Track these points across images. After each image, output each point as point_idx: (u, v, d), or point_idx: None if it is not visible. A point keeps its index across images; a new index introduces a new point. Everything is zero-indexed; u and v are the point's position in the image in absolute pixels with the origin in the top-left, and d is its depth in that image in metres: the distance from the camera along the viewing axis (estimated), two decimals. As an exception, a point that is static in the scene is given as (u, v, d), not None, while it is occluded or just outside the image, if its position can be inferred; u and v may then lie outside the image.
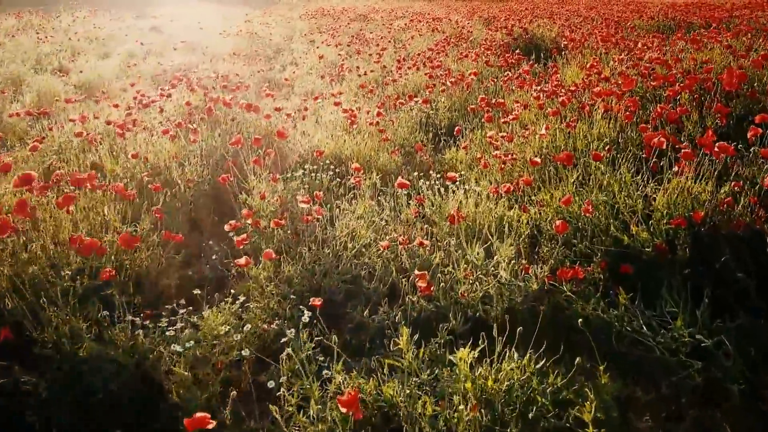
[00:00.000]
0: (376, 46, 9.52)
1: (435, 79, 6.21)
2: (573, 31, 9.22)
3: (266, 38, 13.22)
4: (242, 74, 7.76)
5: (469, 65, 6.91)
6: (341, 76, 7.76)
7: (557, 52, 7.36)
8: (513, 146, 3.85)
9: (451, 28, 11.65)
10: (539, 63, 7.44)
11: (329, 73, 8.20)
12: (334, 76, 7.89)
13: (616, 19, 11.95)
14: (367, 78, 7.12)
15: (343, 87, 6.82)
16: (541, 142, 3.79)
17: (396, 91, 6.37)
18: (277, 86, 8.51)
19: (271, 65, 10.35)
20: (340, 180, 3.64)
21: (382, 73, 7.36)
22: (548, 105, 4.56)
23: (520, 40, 8.41)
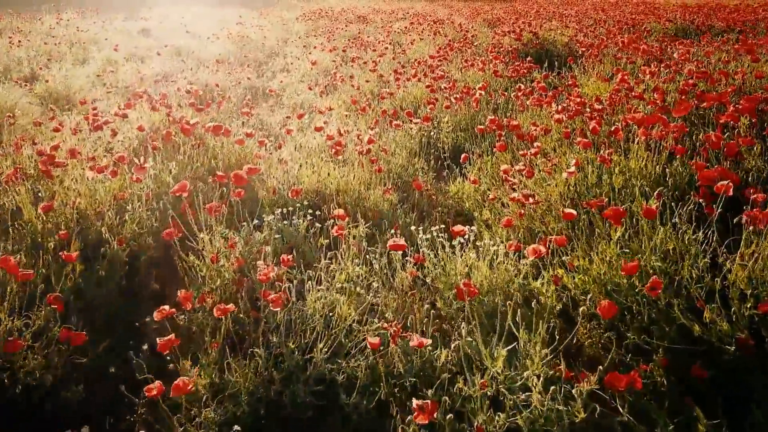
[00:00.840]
0: (373, 51, 8.81)
1: (437, 92, 5.49)
2: (587, 35, 8.50)
3: (259, 42, 12.51)
4: (225, 84, 7.05)
5: (476, 76, 6.20)
6: (334, 85, 7.05)
7: (573, 60, 6.63)
8: (533, 184, 3.13)
9: (454, 31, 10.93)
10: (552, 71, 6.72)
11: (321, 83, 7.49)
12: (326, 86, 7.17)
13: (629, 22, 11.22)
14: (362, 90, 6.40)
15: (335, 100, 6.11)
16: (569, 179, 3.08)
17: (393, 105, 5.66)
18: (264, 96, 7.81)
19: (261, 71, 9.64)
20: (321, 225, 2.93)
21: (379, 83, 6.65)
22: (570, 126, 3.84)
23: (530, 46, 7.69)
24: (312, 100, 6.69)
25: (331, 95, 6.78)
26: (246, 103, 5.50)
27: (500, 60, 6.31)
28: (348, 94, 6.36)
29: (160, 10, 21.09)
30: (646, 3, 19.96)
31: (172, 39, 12.62)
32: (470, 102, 4.99)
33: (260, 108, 6.89)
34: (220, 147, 3.80)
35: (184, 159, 3.50)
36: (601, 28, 9.95)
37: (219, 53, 10.12)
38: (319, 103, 6.04)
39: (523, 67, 6.53)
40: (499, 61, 6.32)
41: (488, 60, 6.96)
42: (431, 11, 21.06)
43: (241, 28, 13.69)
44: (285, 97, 7.02)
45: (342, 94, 6.43)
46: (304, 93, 7.53)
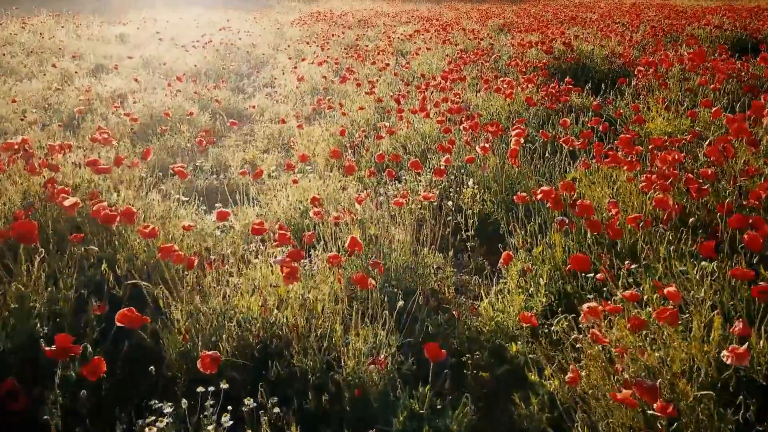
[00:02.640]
0: (372, 65, 7.41)
1: (453, 128, 4.09)
2: (632, 47, 7.06)
3: (247, 49, 11.14)
4: (180, 110, 5.65)
5: (500, 102, 4.79)
6: (319, 111, 5.65)
7: (624, 81, 5.20)
8: (650, 357, 1.71)
9: (466, 38, 9.52)
10: (596, 95, 5.30)
11: (307, 104, 6.10)
12: (312, 109, 5.78)
13: (666, 29, 9.78)
14: (355, 120, 5.01)
15: (318, 141, 4.71)
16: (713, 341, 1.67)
17: (393, 147, 4.25)
18: (239, 118, 6.42)
19: (241, 87, 8.26)
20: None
21: (377, 111, 5.24)
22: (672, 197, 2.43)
23: (563, 60, 6.29)
24: (291, 131, 5.30)
25: (318, 121, 5.38)
26: (202, 138, 4.12)
27: (531, 81, 4.88)
28: (337, 126, 4.96)
29: (148, 13, 19.77)
30: (667, 6, 18.50)
31: (149, 46, 11.27)
32: (500, 147, 3.58)
33: (225, 141, 5.49)
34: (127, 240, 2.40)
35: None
36: (630, 33, 8.51)
37: (195, 64, 8.74)
38: (298, 143, 4.64)
39: (555, 88, 5.12)
40: (528, 82, 4.89)
41: (515, 78, 5.55)
42: (437, 14, 19.66)
43: (227, 35, 12.29)
44: (259, 127, 5.62)
45: (330, 126, 5.02)
46: (288, 118, 6.13)
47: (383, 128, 4.36)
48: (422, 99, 4.65)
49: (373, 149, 4.18)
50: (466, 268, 2.99)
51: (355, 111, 5.13)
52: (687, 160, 3.19)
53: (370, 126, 4.90)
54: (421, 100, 4.66)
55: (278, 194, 3.40)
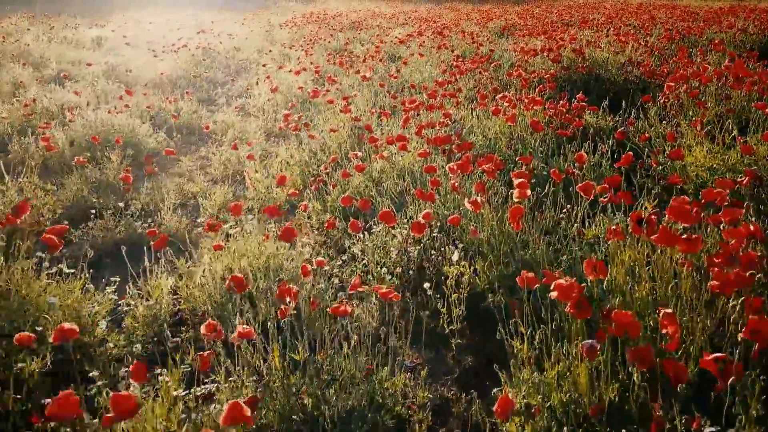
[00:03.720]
0: (355, 74, 6.57)
1: (440, 159, 3.26)
2: (650, 55, 6.20)
3: (229, 53, 10.31)
4: (126, 129, 4.81)
5: (502, 125, 3.94)
6: (286, 132, 4.82)
7: (645, 95, 4.35)
8: None
9: (464, 43, 8.67)
10: (615, 113, 4.46)
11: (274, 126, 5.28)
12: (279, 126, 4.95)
13: (683, 32, 8.92)
14: (324, 147, 4.18)
15: (272, 172, 3.87)
16: None
17: (366, 186, 3.41)
18: (201, 136, 5.59)
19: (213, 97, 7.43)
20: None
21: (353, 131, 4.40)
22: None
23: (573, 70, 5.44)
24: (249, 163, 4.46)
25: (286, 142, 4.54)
26: (127, 174, 3.29)
27: (535, 102, 4.01)
28: (302, 152, 4.12)
29: (135, 14, 18.97)
30: (677, 7, 17.62)
31: (122, 51, 10.45)
32: (499, 190, 2.74)
33: (175, 167, 4.66)
34: None
35: None
36: (661, 42, 7.65)
37: (162, 72, 7.90)
38: (251, 177, 3.81)
39: (565, 107, 4.27)
40: (534, 104, 4.02)
41: (517, 93, 4.70)
42: (437, 15, 18.82)
43: (207, 38, 11.46)
44: (219, 148, 4.78)
45: (295, 152, 4.19)
46: (254, 136, 5.31)
47: (355, 159, 3.53)
48: (404, 120, 3.80)
49: (334, 193, 3.34)
50: (450, 375, 2.15)
51: (326, 133, 4.29)
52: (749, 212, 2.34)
53: (343, 151, 4.07)
54: (404, 121, 3.81)
55: (210, 255, 2.57)
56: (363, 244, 2.74)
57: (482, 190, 2.59)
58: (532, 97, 3.79)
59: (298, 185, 3.89)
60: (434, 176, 2.94)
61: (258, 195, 3.62)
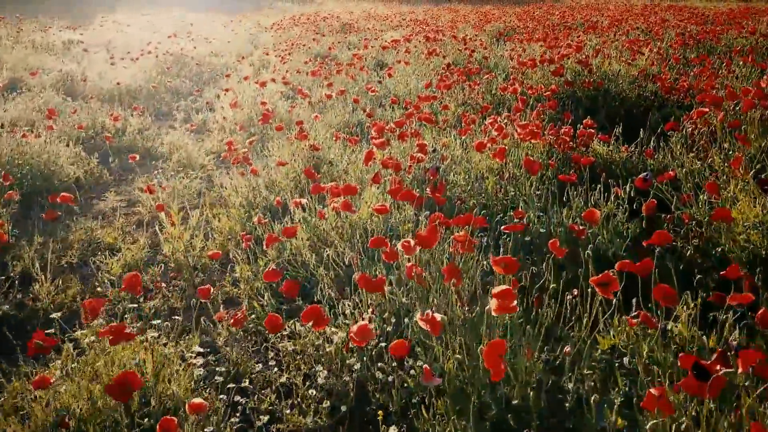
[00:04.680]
0: (328, 86, 5.76)
1: (404, 211, 2.47)
2: (667, 66, 5.36)
3: (201, 59, 9.52)
4: (45, 154, 4.00)
5: (489, 161, 3.13)
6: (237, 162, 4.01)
7: (662, 113, 3.55)
8: None
9: (456, 49, 7.86)
10: (628, 141, 3.64)
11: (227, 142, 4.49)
12: (224, 155, 4.15)
13: (698, 36, 8.11)
14: (271, 184, 3.38)
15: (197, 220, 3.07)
16: None
17: (315, 242, 2.61)
18: (146, 160, 4.80)
19: (172, 112, 6.63)
20: None
21: (309, 162, 3.60)
22: None
23: (579, 84, 4.62)
24: (190, 189, 3.66)
25: (229, 174, 3.75)
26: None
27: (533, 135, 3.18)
28: (240, 195, 3.32)
29: (118, 15, 18.19)
30: (685, 9, 16.80)
31: (88, 56, 9.66)
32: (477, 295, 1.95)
33: (96, 205, 3.85)
34: None
35: None
36: (674, 49, 6.85)
37: (118, 82, 7.11)
38: (168, 231, 3.01)
39: (568, 133, 3.48)
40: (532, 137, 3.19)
41: (511, 112, 3.90)
42: (433, 17, 18.03)
43: (181, 42, 10.66)
44: (159, 176, 3.99)
45: (232, 194, 3.39)
46: (201, 160, 4.52)
47: (298, 209, 2.73)
48: (367, 156, 2.99)
49: (270, 253, 2.54)
50: None
51: (272, 167, 3.49)
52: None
53: (291, 191, 3.27)
54: (366, 157, 3.00)
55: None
56: (288, 346, 1.95)
57: (455, 277, 1.79)
58: (528, 126, 2.97)
59: (235, 231, 3.09)
60: (394, 239, 2.13)
61: (175, 254, 2.82)
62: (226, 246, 3.05)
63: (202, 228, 3.21)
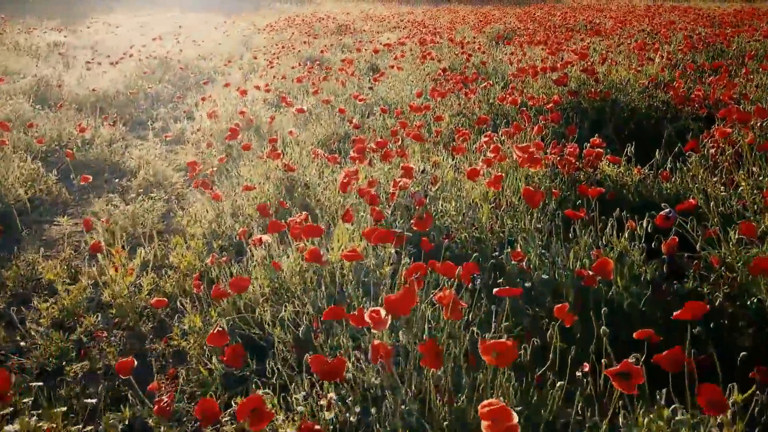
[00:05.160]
0: (312, 95, 5.36)
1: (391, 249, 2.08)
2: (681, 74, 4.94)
3: (187, 63, 9.13)
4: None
5: (483, 187, 2.73)
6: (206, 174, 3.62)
7: (694, 144, 3.15)
8: None
9: (452, 53, 7.46)
10: (639, 160, 3.23)
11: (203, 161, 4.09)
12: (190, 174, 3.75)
13: (709, 39, 7.71)
14: (236, 212, 2.99)
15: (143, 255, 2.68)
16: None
17: (263, 295, 2.21)
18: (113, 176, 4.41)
19: (152, 120, 6.24)
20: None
21: (282, 185, 3.20)
22: None
23: (584, 95, 4.23)
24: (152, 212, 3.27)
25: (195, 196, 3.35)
26: None
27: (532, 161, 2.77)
28: (202, 225, 2.93)
29: (110, 16, 17.81)
30: (690, 9, 16.38)
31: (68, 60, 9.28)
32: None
33: (46, 232, 3.44)
34: None
35: None
36: (683, 54, 6.45)
37: (94, 88, 6.72)
38: (108, 274, 2.61)
39: (572, 153, 3.09)
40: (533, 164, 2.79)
41: (510, 127, 3.50)
42: (432, 17, 17.63)
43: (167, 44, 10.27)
44: (104, 218, 3.59)
45: (193, 224, 2.99)
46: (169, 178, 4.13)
47: (258, 248, 2.33)
48: (343, 184, 2.59)
49: (224, 304, 2.15)
50: None
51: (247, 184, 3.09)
52: None
53: (258, 221, 2.87)
54: (342, 184, 2.60)
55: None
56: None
57: (433, 361, 1.39)
58: (528, 148, 2.56)
59: (194, 267, 2.70)
60: (370, 288, 1.73)
61: (117, 299, 2.43)
62: (182, 284, 2.65)
63: (157, 263, 2.82)
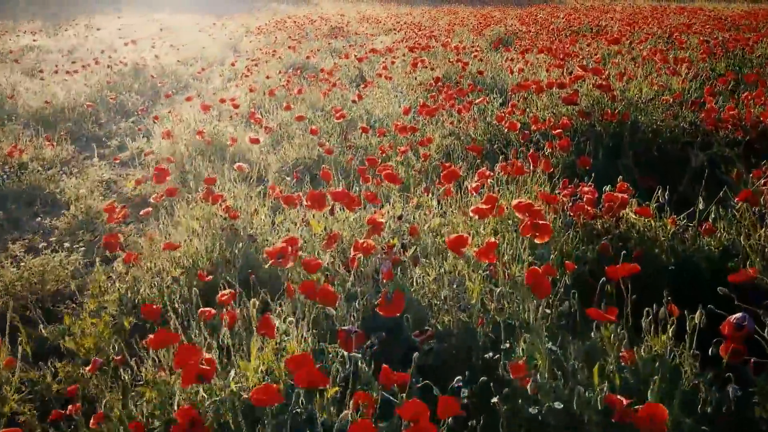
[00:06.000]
0: (286, 110, 4.71)
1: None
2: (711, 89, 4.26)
3: (161, 70, 8.49)
4: None
5: (473, 250, 2.07)
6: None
7: (747, 194, 2.48)
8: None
9: (447, 60, 6.79)
10: (668, 204, 2.55)
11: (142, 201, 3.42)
12: (116, 219, 3.08)
13: (726, 45, 7.04)
14: (156, 280, 2.32)
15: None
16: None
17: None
18: (46, 207, 3.75)
19: (104, 138, 5.58)
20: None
21: (222, 236, 2.53)
22: None
23: (597, 116, 3.57)
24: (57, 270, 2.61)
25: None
26: None
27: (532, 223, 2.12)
28: (110, 294, 2.27)
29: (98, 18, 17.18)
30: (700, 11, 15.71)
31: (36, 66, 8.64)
32: None
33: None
34: None
35: None
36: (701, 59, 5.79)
37: (47, 100, 6.07)
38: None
39: (587, 193, 2.44)
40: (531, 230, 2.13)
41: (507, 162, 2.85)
42: (431, 19, 16.97)
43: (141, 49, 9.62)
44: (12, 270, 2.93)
45: (108, 293, 2.33)
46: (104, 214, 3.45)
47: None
48: (282, 249, 1.93)
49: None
50: None
51: (182, 233, 2.43)
52: None
53: (186, 285, 2.21)
54: (271, 252, 1.92)
55: None
56: None
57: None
58: (531, 209, 1.89)
59: (98, 351, 2.04)
60: None
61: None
62: (78, 377, 2.00)
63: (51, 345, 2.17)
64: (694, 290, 2.04)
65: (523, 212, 1.80)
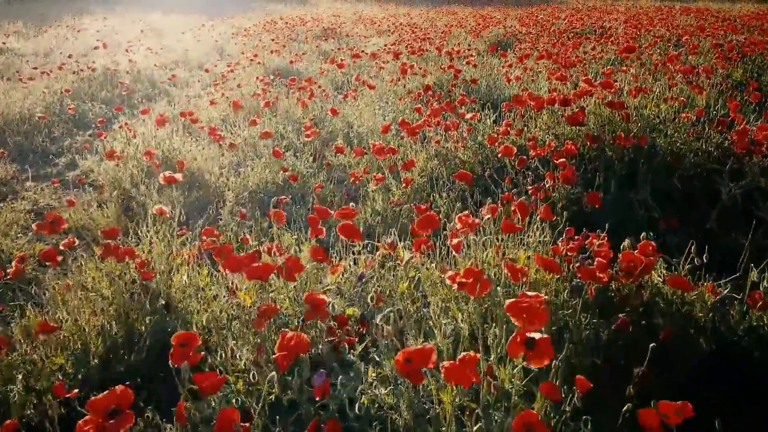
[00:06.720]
0: (251, 125, 4.15)
1: None
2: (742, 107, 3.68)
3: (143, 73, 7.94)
4: None
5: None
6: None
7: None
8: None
9: (439, 66, 6.21)
10: (710, 272, 1.98)
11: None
12: (14, 264, 2.52)
13: (744, 49, 6.47)
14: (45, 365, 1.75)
15: None
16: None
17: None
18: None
19: (55, 153, 5.03)
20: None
21: (121, 313, 1.98)
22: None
23: (608, 140, 3.01)
24: None
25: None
26: None
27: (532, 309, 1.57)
28: None
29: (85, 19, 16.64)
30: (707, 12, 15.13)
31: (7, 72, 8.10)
32: None
33: None
34: None
35: None
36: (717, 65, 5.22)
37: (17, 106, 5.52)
38: None
39: (616, 266, 1.88)
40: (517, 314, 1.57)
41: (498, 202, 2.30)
42: (429, 19, 16.40)
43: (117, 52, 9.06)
44: None
45: None
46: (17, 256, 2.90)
47: None
48: (183, 352, 1.39)
49: None
50: None
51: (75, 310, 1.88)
52: None
53: (76, 373, 1.65)
54: (177, 349, 1.38)
55: None
56: None
57: None
58: (527, 308, 1.34)
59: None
60: None
61: None
62: None
63: None
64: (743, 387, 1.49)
65: (516, 314, 1.24)
